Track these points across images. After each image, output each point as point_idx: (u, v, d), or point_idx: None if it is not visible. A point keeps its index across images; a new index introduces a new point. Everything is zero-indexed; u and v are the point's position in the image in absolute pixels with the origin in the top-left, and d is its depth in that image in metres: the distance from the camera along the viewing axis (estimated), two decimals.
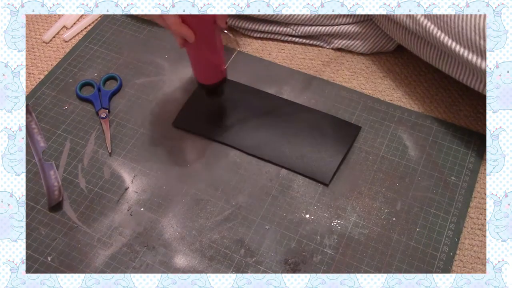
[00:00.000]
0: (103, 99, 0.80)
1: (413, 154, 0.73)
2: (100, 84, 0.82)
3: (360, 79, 0.83)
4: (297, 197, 0.69)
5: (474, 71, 0.65)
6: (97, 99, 0.80)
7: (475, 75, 0.67)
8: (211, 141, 0.75)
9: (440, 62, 0.71)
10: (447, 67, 0.71)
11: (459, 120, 0.77)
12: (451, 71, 0.70)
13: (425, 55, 0.73)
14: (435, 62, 0.72)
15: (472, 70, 0.66)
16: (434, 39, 0.67)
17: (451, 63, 0.69)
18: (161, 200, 0.70)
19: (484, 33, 0.60)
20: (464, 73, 0.68)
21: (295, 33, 0.86)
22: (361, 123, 0.77)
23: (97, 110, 0.79)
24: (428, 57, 0.73)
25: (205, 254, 0.65)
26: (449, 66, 0.70)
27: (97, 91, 0.81)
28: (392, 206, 0.68)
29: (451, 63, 0.69)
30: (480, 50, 0.62)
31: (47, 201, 0.69)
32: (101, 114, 0.78)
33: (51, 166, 0.73)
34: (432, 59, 0.72)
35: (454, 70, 0.70)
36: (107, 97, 0.80)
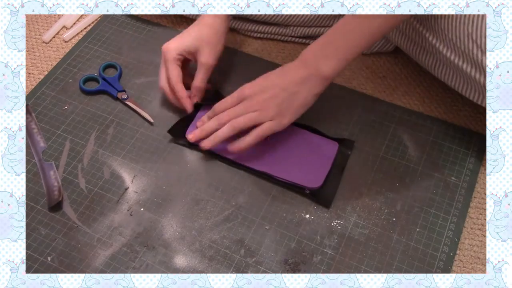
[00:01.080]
0: (114, 85, 0.81)
1: (413, 154, 0.73)
2: (103, 74, 0.83)
3: (360, 79, 0.83)
4: (297, 197, 0.69)
5: (473, 84, 0.65)
6: (107, 86, 0.81)
7: (473, 88, 0.66)
8: None
9: (437, 71, 0.71)
10: (445, 77, 0.70)
11: (459, 120, 0.77)
12: (449, 81, 0.70)
13: (423, 63, 0.73)
14: (432, 70, 0.72)
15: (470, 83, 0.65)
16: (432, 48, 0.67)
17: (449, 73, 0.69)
18: (161, 200, 0.70)
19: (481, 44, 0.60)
20: (462, 85, 0.68)
21: (294, 34, 0.86)
22: (361, 123, 0.77)
23: (116, 95, 0.80)
24: (426, 65, 0.72)
25: (205, 254, 0.65)
26: (447, 75, 0.70)
27: (103, 81, 0.82)
28: (392, 206, 0.68)
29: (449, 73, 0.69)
30: (478, 63, 0.61)
31: (47, 201, 0.69)
32: (122, 96, 0.80)
33: (51, 166, 0.73)
34: (430, 67, 0.72)
35: (452, 80, 0.69)
36: (117, 82, 0.82)
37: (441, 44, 0.65)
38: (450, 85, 0.70)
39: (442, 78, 0.71)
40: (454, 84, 0.69)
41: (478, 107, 0.78)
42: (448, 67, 0.68)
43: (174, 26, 0.91)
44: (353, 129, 0.76)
